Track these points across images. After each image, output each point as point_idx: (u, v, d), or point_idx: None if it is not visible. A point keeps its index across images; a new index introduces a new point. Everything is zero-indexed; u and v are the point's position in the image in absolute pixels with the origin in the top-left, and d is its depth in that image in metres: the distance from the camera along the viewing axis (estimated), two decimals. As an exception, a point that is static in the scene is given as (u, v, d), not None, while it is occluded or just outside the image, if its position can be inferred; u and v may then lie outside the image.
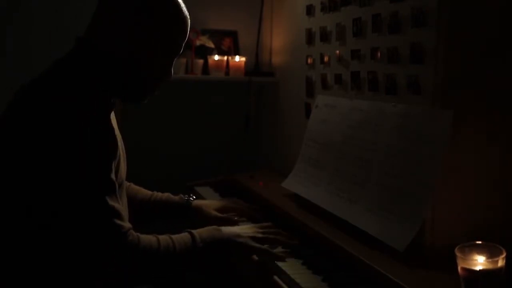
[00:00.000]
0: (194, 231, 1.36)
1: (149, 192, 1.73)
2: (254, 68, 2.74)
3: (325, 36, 2.09)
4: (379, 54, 1.73)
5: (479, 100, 1.45)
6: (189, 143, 2.79)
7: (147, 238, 1.26)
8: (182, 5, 1.39)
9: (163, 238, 1.29)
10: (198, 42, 2.63)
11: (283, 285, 1.33)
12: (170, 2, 1.36)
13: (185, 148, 2.78)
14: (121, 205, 1.25)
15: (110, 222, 1.19)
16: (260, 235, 1.45)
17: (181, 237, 1.33)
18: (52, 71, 1.28)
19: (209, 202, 1.79)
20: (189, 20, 1.41)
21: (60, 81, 1.25)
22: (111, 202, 1.20)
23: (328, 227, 1.60)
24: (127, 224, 1.23)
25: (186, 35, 1.41)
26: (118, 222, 1.20)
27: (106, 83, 1.31)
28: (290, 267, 1.40)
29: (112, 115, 1.41)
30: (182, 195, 1.74)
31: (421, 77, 1.53)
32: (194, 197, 1.76)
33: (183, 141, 2.79)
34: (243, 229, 1.47)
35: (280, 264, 1.41)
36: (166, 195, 1.73)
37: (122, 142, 1.48)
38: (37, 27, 2.44)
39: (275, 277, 1.37)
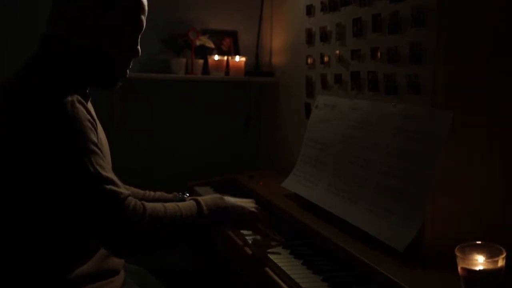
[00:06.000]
0: (199, 198, 1.39)
1: (141, 191, 1.71)
2: (254, 68, 2.74)
3: (325, 36, 2.09)
4: (379, 54, 1.73)
5: (479, 100, 1.45)
6: (189, 143, 2.80)
7: (153, 205, 1.28)
8: None
9: (170, 204, 1.31)
10: (198, 42, 2.62)
11: (283, 285, 1.33)
12: None
13: (185, 148, 2.78)
14: (114, 175, 1.26)
15: (105, 189, 1.19)
16: (256, 211, 1.50)
17: (187, 204, 1.35)
18: (23, 70, 1.29)
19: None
20: None
21: (34, 77, 1.25)
22: (102, 172, 1.20)
23: (328, 227, 1.60)
24: (124, 191, 1.23)
25: (144, 9, 1.38)
26: (114, 188, 1.21)
27: (76, 74, 1.31)
28: (290, 267, 1.39)
29: (90, 107, 1.41)
30: (176, 193, 1.73)
31: (421, 77, 1.53)
32: (188, 194, 1.75)
33: (183, 141, 2.79)
34: (243, 202, 1.51)
35: (280, 264, 1.41)
36: (159, 193, 1.72)
37: (104, 133, 1.48)
38: (38, 28, 2.44)
39: (275, 277, 1.37)
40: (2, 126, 1.22)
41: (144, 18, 1.38)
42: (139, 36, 1.39)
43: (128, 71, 1.40)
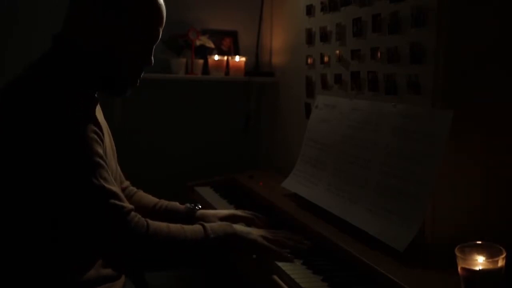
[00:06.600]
0: (206, 223, 1.36)
1: (155, 200, 1.69)
2: (254, 68, 2.74)
3: (325, 36, 2.09)
4: (379, 54, 1.73)
5: (479, 100, 1.45)
6: (189, 143, 2.80)
7: (157, 223, 1.26)
8: None
9: (174, 225, 1.30)
10: (198, 42, 2.62)
11: (283, 285, 1.33)
12: None
13: (185, 148, 2.79)
14: (118, 188, 1.24)
15: (108, 203, 1.18)
16: (270, 237, 1.45)
17: (193, 227, 1.33)
18: (32, 71, 1.27)
19: (215, 211, 1.72)
20: (163, 5, 1.36)
21: (41, 80, 1.23)
22: (106, 185, 1.19)
23: (328, 227, 1.60)
24: (128, 205, 1.22)
25: (162, 21, 1.37)
26: (118, 202, 1.19)
27: (87, 78, 1.29)
28: (290, 266, 1.39)
29: (99, 110, 1.40)
30: (188, 204, 1.69)
31: (421, 77, 1.53)
32: (200, 206, 1.72)
33: (183, 141, 2.79)
34: (255, 230, 1.49)
35: (280, 264, 1.40)
36: (172, 204, 1.68)
37: (112, 139, 1.46)
38: (38, 28, 2.44)
39: (275, 277, 1.37)
40: (6, 130, 1.19)
41: (159, 28, 1.36)
42: (153, 46, 1.37)
43: (139, 80, 1.38)
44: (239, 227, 1.44)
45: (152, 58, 1.38)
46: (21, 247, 1.24)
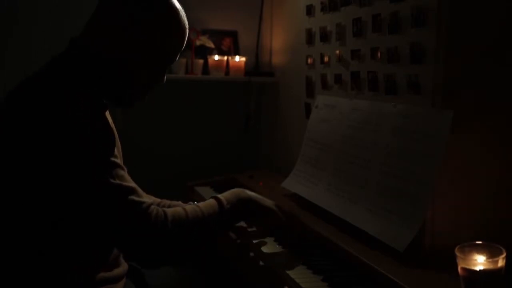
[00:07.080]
0: (219, 195, 1.40)
1: (157, 200, 1.69)
2: (254, 68, 2.74)
3: (325, 36, 2.09)
4: (379, 54, 1.73)
5: (479, 100, 1.45)
6: (189, 143, 2.80)
7: (173, 209, 1.28)
8: (182, 13, 1.36)
9: (190, 207, 1.32)
10: (198, 42, 2.63)
11: (283, 284, 1.33)
12: (169, 10, 1.33)
13: (185, 148, 2.79)
14: (135, 184, 1.25)
15: (128, 200, 1.19)
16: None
17: (208, 203, 1.37)
18: (44, 72, 1.27)
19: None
20: (187, 29, 1.38)
21: (53, 80, 1.23)
22: (124, 182, 1.20)
23: (328, 227, 1.60)
24: (146, 200, 1.23)
25: (183, 44, 1.38)
26: (136, 198, 1.20)
27: (97, 85, 1.29)
28: (290, 266, 1.39)
29: (108, 115, 1.40)
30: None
31: (421, 77, 1.53)
32: None
33: (183, 141, 2.79)
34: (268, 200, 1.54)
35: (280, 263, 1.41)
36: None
37: (119, 144, 1.46)
38: (38, 28, 2.45)
39: (276, 278, 1.37)
40: (20, 131, 1.18)
41: (179, 52, 1.39)
42: (168, 66, 1.39)
43: (146, 97, 1.40)
44: (253, 193, 1.48)
45: (165, 77, 1.40)
46: (23, 248, 1.24)
